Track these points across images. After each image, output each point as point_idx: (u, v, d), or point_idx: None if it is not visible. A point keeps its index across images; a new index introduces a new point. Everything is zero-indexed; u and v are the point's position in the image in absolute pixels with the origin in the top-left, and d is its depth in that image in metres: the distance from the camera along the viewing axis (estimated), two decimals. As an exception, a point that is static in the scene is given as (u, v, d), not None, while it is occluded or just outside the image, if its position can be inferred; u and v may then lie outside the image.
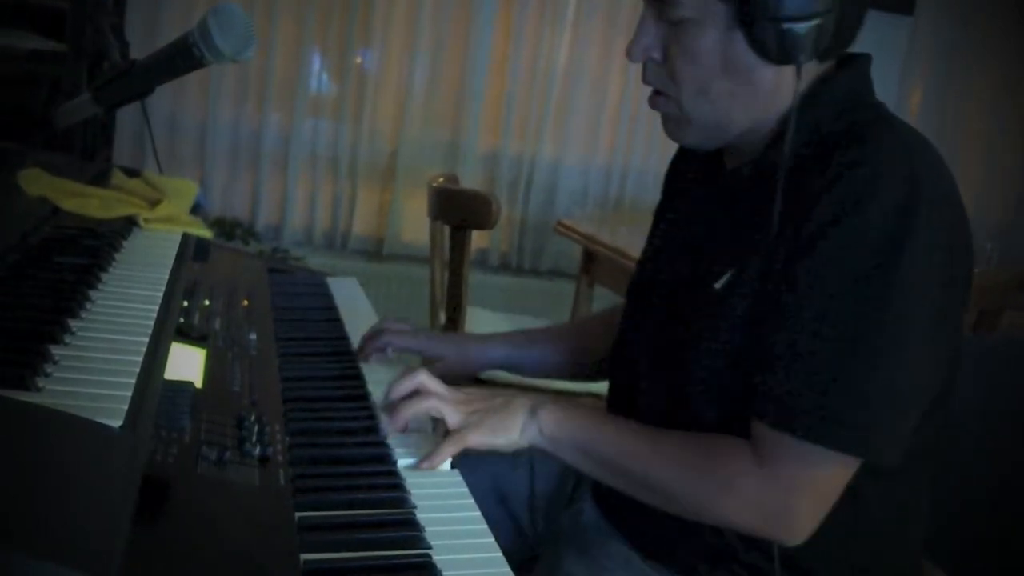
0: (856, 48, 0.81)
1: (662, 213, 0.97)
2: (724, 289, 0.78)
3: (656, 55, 0.79)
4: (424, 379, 0.81)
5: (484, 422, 0.79)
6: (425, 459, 0.77)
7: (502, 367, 1.07)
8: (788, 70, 0.75)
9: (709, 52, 0.75)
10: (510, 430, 0.79)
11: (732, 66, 0.75)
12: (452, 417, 0.79)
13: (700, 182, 0.89)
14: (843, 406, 0.70)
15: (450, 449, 0.78)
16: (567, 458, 0.80)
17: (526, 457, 1.02)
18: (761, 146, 0.79)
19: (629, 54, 0.80)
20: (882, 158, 0.71)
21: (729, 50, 0.74)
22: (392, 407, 0.81)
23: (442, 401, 0.80)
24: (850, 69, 0.79)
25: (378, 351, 1.00)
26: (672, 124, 0.82)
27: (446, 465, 0.78)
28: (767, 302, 0.74)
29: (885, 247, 0.70)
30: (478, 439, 0.78)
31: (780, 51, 0.73)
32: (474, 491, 0.74)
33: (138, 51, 1.24)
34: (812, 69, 0.77)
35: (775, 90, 0.76)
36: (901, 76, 3.14)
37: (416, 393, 0.81)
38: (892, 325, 0.70)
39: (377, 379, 0.93)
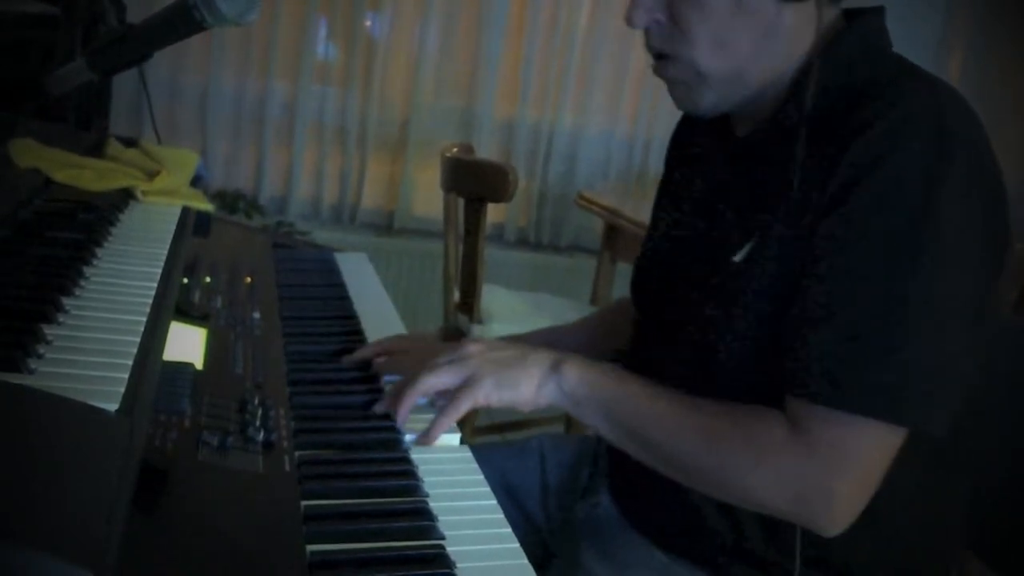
0: (892, 10, 0.77)
1: (664, 194, 0.93)
2: (745, 262, 0.74)
3: (660, 16, 0.75)
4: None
5: (492, 375, 0.73)
6: (422, 435, 0.73)
7: None
8: (807, 9, 0.72)
9: None
10: (522, 386, 0.74)
11: (747, 10, 0.71)
12: (452, 379, 0.74)
13: (707, 154, 0.85)
14: (881, 371, 0.66)
15: (447, 419, 0.73)
16: (588, 419, 0.76)
17: (536, 447, 0.99)
18: (773, 106, 0.76)
19: (630, 20, 0.75)
20: (910, 108, 0.68)
21: None
22: (391, 405, 0.75)
23: (434, 372, 0.74)
24: (863, 20, 0.76)
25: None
26: (683, 90, 0.77)
27: (460, 451, 0.75)
28: (793, 268, 0.71)
29: (918, 201, 0.66)
30: (483, 394, 0.73)
31: None
32: None
33: (135, 14, 1.20)
34: (825, 16, 0.74)
35: (795, 34, 0.73)
36: (940, 39, 3.03)
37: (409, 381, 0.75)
38: (929, 286, 0.66)
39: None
